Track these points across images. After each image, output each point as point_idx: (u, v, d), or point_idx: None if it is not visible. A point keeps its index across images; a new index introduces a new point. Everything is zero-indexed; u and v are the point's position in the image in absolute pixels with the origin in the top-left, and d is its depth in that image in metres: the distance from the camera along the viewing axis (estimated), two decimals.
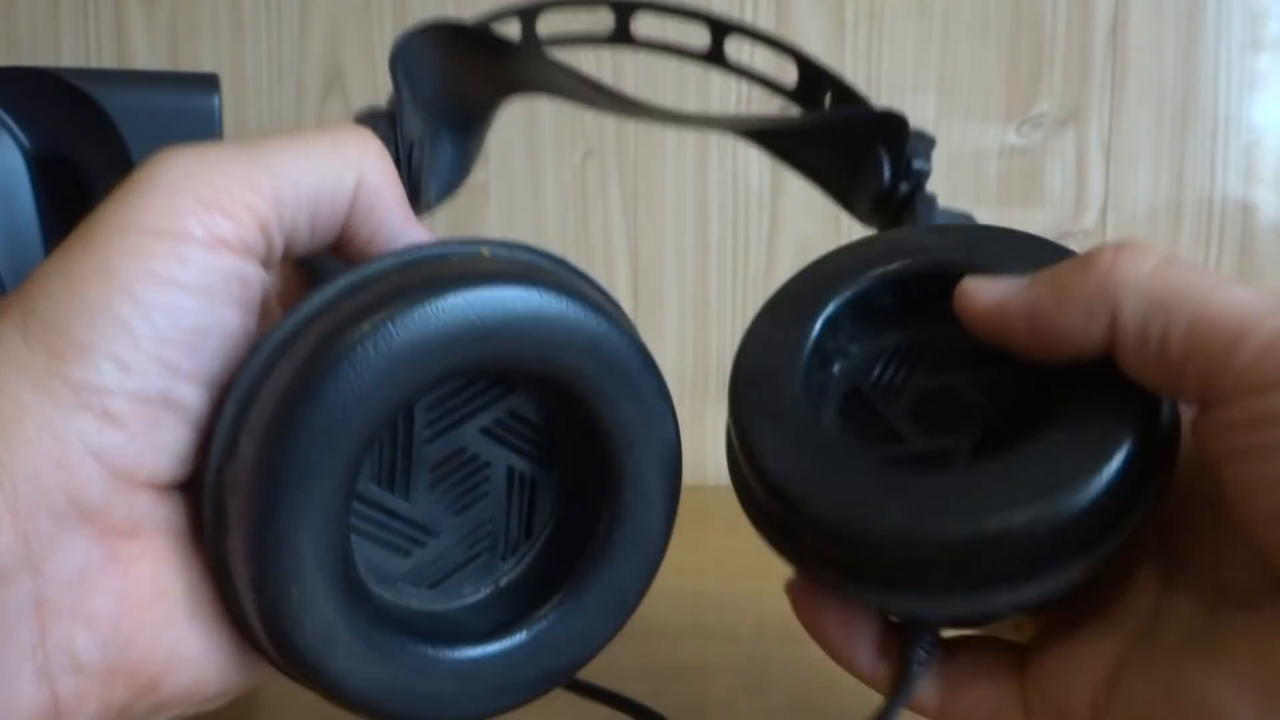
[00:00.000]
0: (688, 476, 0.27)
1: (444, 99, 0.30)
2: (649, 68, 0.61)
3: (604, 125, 0.62)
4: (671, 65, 0.61)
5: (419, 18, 0.59)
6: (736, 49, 0.37)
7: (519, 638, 0.24)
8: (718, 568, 0.48)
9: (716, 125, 0.34)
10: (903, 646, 0.26)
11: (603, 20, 0.37)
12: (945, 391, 0.27)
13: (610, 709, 0.29)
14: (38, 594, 0.20)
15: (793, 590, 0.28)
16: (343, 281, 0.23)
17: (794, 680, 0.38)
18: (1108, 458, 0.23)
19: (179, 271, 0.22)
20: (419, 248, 0.24)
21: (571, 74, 0.29)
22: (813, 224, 0.63)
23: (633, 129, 0.62)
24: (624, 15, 0.37)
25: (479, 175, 0.62)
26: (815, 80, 0.35)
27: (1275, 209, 0.62)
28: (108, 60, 0.61)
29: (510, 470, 0.25)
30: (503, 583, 0.25)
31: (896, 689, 0.25)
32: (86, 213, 0.24)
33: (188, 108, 0.46)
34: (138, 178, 0.23)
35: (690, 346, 0.64)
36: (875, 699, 0.30)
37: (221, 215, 0.22)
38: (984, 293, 0.25)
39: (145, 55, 0.61)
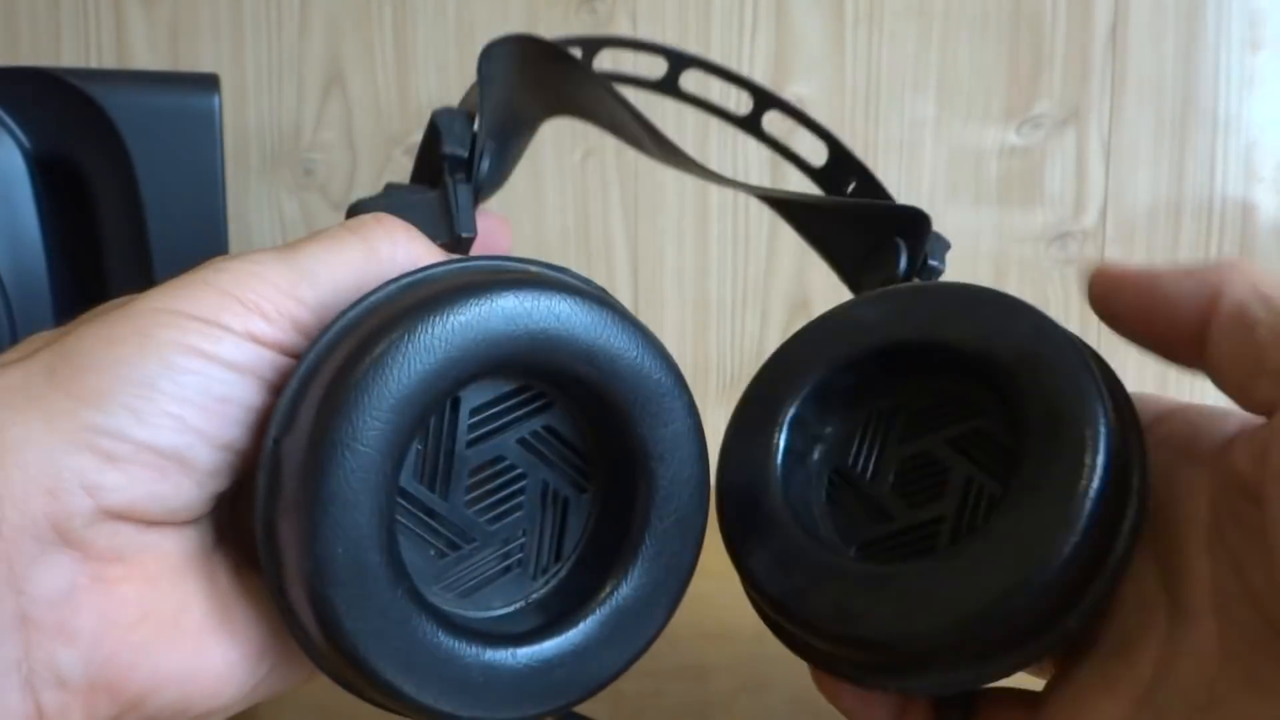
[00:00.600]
0: None
1: (500, 109, 0.31)
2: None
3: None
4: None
5: (419, 18, 0.59)
6: (773, 121, 0.40)
7: (546, 647, 0.25)
8: (718, 568, 0.48)
9: (753, 191, 0.36)
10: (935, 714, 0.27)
11: (656, 66, 0.39)
12: (922, 457, 0.28)
13: None
14: (22, 611, 0.21)
15: (814, 675, 0.29)
16: (404, 280, 0.24)
17: (794, 680, 0.38)
18: (1077, 516, 0.23)
19: (213, 347, 0.23)
20: (475, 257, 0.25)
21: (626, 108, 0.30)
22: None
23: None
24: (677, 67, 0.39)
25: None
26: (843, 165, 0.37)
27: (1275, 209, 0.62)
28: (108, 60, 0.61)
29: (545, 485, 0.26)
30: (532, 599, 0.26)
31: None
32: (86, 213, 0.24)
33: (188, 108, 0.46)
34: (190, 276, 0.24)
35: (690, 346, 0.64)
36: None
37: (263, 320, 0.23)
38: (1116, 266, 0.26)
39: (145, 55, 0.61)
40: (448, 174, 0.28)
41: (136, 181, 0.45)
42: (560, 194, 0.62)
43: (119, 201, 0.46)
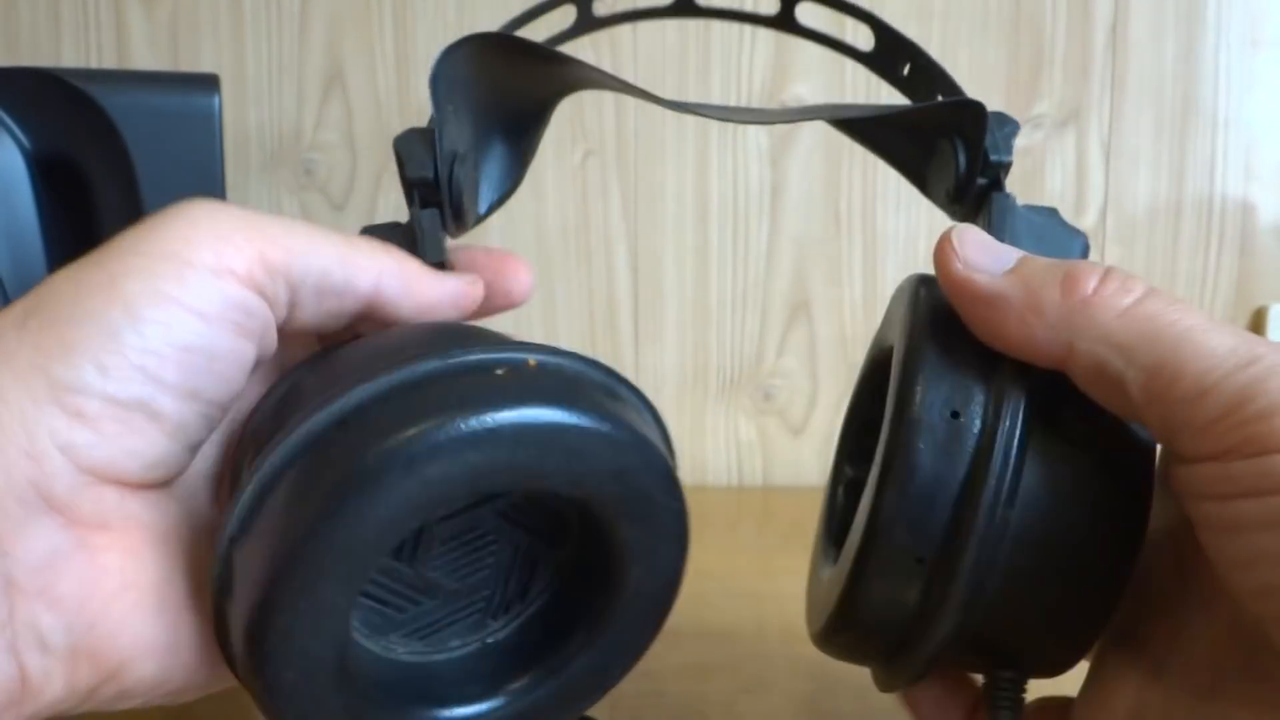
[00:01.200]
0: (688, 477, 0.26)
1: (495, 104, 0.30)
2: (649, 59, 0.61)
3: (604, 125, 0.62)
4: (671, 58, 0.61)
5: (419, 18, 0.59)
6: (807, 12, 0.36)
7: (495, 703, 0.25)
8: (718, 568, 0.48)
9: (797, 116, 0.33)
10: (987, 698, 0.26)
11: None
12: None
13: None
14: (6, 574, 0.21)
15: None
16: (383, 380, 0.21)
17: (794, 680, 0.38)
18: (883, 486, 0.24)
19: (178, 290, 0.22)
20: (464, 350, 0.22)
21: (619, 82, 0.28)
22: (813, 224, 0.63)
23: (633, 129, 0.62)
24: None
25: None
26: (893, 47, 0.34)
27: (1275, 209, 0.62)
28: (108, 60, 0.61)
29: (517, 548, 0.25)
30: (489, 640, 0.26)
31: None
32: (86, 213, 0.24)
33: (188, 108, 0.46)
34: (158, 213, 0.24)
35: (690, 346, 0.64)
36: (873, 701, 0.30)
37: (232, 249, 0.23)
38: (958, 260, 0.24)
39: (145, 55, 0.61)
40: (413, 201, 0.27)
41: (136, 181, 0.45)
42: (560, 194, 0.62)
43: (119, 201, 0.46)
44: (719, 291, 0.63)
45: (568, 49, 0.31)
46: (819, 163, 0.62)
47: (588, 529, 0.25)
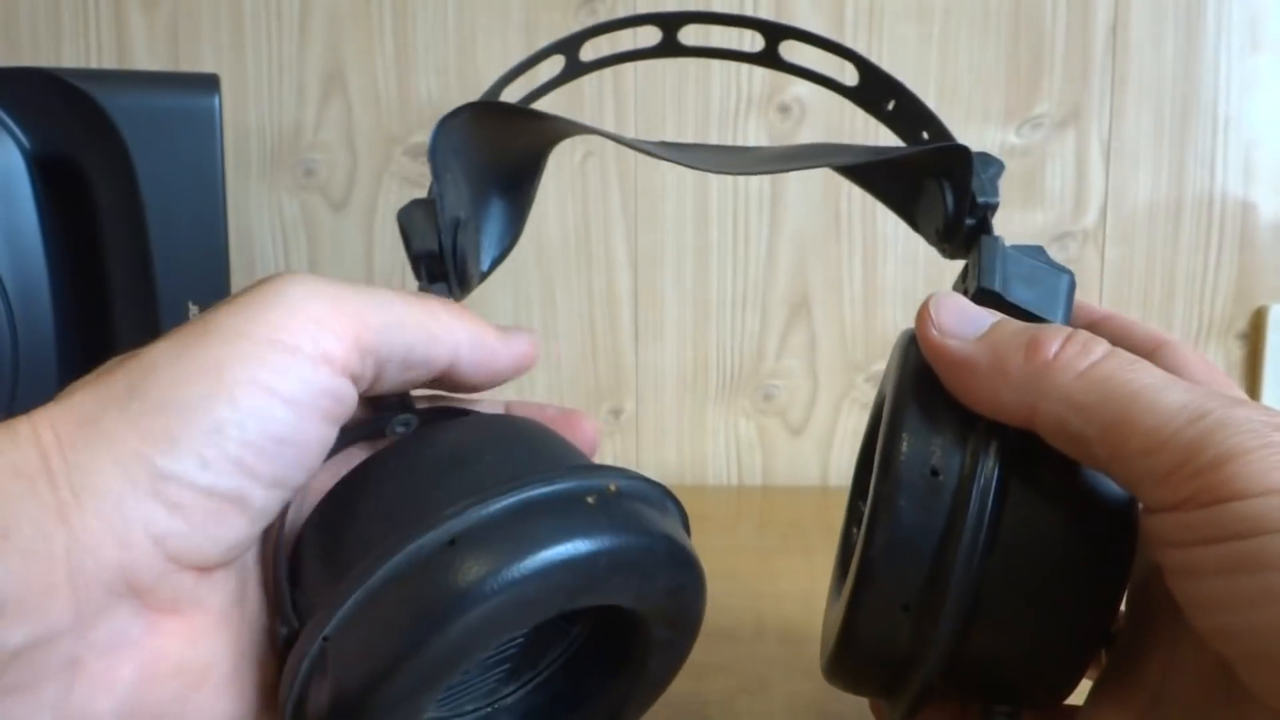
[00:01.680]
0: (688, 477, 0.27)
1: (492, 164, 0.31)
2: (649, 77, 0.61)
3: (604, 125, 0.62)
4: (671, 73, 0.61)
5: (419, 18, 0.59)
6: (790, 50, 0.37)
7: None
8: (718, 568, 0.48)
9: (783, 166, 0.34)
10: None
11: (649, 35, 0.37)
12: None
13: None
14: (74, 655, 0.21)
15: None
16: (493, 504, 0.22)
17: (794, 680, 0.38)
18: (870, 540, 0.25)
19: (280, 381, 0.23)
20: (557, 476, 0.23)
21: (618, 140, 0.29)
22: (813, 224, 0.63)
23: (633, 129, 0.62)
24: (671, 30, 0.37)
25: None
26: (876, 82, 0.35)
27: (1275, 209, 0.62)
28: (108, 60, 0.61)
29: (540, 628, 0.26)
30: (499, 704, 0.27)
31: None
32: (86, 213, 0.24)
33: (188, 108, 0.46)
34: (263, 289, 0.24)
35: (690, 346, 0.64)
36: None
37: (332, 336, 0.24)
38: (935, 323, 0.25)
39: (145, 56, 0.61)
40: (421, 276, 0.28)
41: (136, 181, 0.45)
42: (560, 195, 0.62)
43: (119, 201, 0.46)
44: (719, 291, 0.63)
45: (560, 93, 0.32)
46: None
47: (613, 619, 0.26)
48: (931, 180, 0.31)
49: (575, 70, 0.35)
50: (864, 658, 0.26)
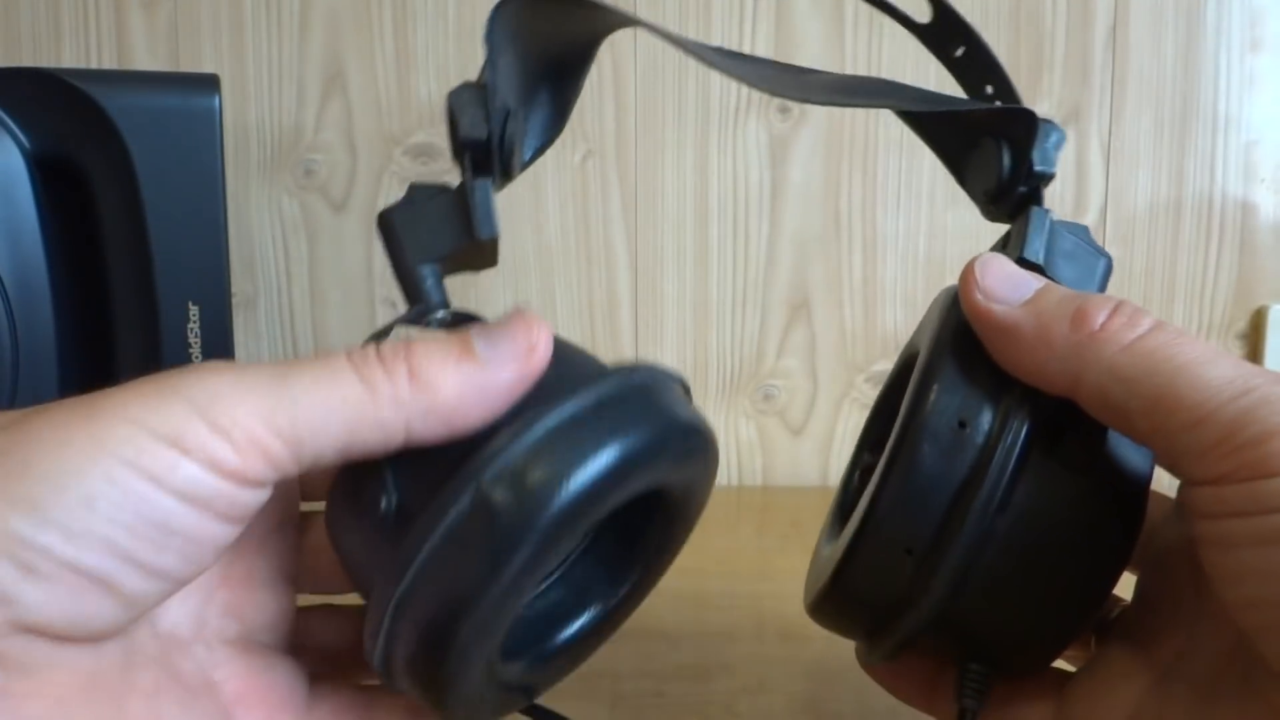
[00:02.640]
0: None
1: (542, 53, 0.30)
2: (649, 77, 0.61)
3: (604, 125, 0.62)
4: (670, 73, 0.61)
5: (419, 18, 0.59)
6: None
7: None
8: (718, 568, 0.48)
9: (851, 101, 0.32)
10: (956, 686, 0.27)
11: None
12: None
13: None
14: None
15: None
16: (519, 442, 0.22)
17: (794, 680, 0.38)
18: (887, 480, 0.25)
19: (165, 474, 0.21)
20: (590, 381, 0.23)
21: (671, 38, 0.28)
22: (813, 224, 0.63)
23: (633, 129, 0.62)
24: None
25: None
26: (949, 25, 0.34)
27: (1275, 209, 0.62)
28: (108, 61, 0.61)
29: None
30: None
31: None
32: (86, 213, 0.23)
33: (188, 108, 0.46)
34: (168, 380, 0.22)
35: (690, 346, 0.64)
36: (873, 701, 0.30)
37: (230, 449, 0.21)
38: (980, 286, 0.25)
39: (145, 56, 0.61)
40: (466, 167, 0.27)
41: (136, 181, 0.45)
42: (560, 194, 0.62)
43: (119, 201, 0.46)
44: (719, 291, 0.63)
45: None
46: (819, 163, 0.62)
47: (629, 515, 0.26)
48: (990, 139, 0.30)
49: None
50: (856, 596, 0.26)
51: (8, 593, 0.20)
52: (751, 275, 0.63)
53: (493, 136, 0.27)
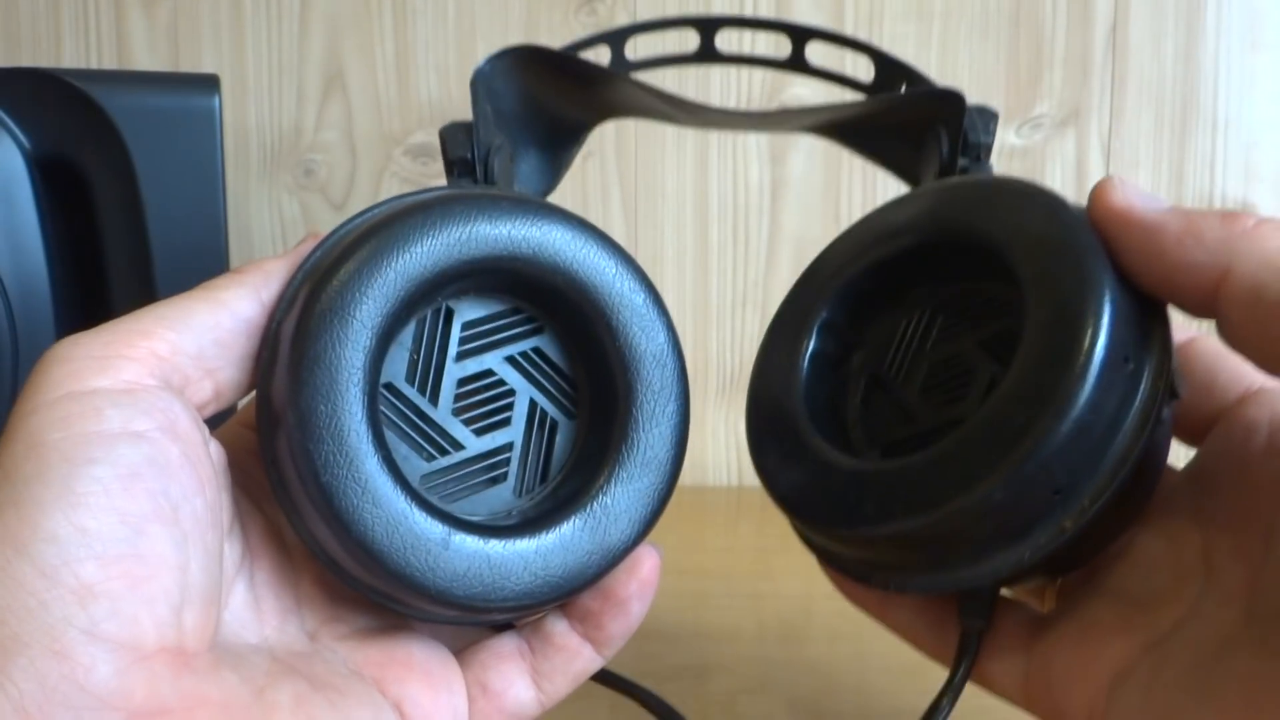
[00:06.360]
0: (688, 478, 0.27)
1: (531, 117, 0.32)
2: (648, 77, 0.61)
3: (604, 125, 0.62)
4: (670, 73, 0.61)
5: (419, 18, 0.59)
6: (817, 52, 0.38)
7: (520, 540, 0.25)
8: (718, 568, 0.48)
9: (789, 125, 0.35)
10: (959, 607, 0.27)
11: (688, 40, 0.39)
12: (952, 360, 0.27)
13: (633, 701, 0.29)
14: None
15: (832, 577, 0.29)
16: (407, 197, 0.27)
17: (794, 680, 0.38)
18: (1060, 405, 0.23)
19: (99, 424, 0.21)
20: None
21: (654, 92, 0.30)
22: (813, 224, 0.63)
23: (633, 130, 0.62)
24: (708, 33, 0.38)
25: None
26: (891, 73, 0.36)
27: (1275, 209, 0.62)
28: (108, 61, 0.61)
29: (533, 404, 0.27)
30: (514, 513, 0.27)
31: (958, 660, 0.27)
32: (86, 213, 0.24)
33: (188, 108, 0.46)
34: (35, 369, 0.23)
35: (690, 346, 0.64)
36: (873, 701, 0.30)
37: (121, 360, 0.22)
38: (1120, 192, 0.25)
39: (145, 56, 0.61)
40: (453, 175, 0.29)
41: (136, 181, 0.45)
42: (560, 195, 0.62)
43: (119, 201, 0.46)
44: (719, 291, 0.63)
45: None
46: (819, 163, 0.62)
47: (591, 371, 0.27)
48: (929, 131, 0.31)
49: (621, 66, 0.37)
50: (968, 530, 0.24)
51: (83, 623, 0.20)
52: (751, 275, 0.63)
53: (476, 158, 0.29)
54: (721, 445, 0.64)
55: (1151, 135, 0.62)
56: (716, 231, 0.63)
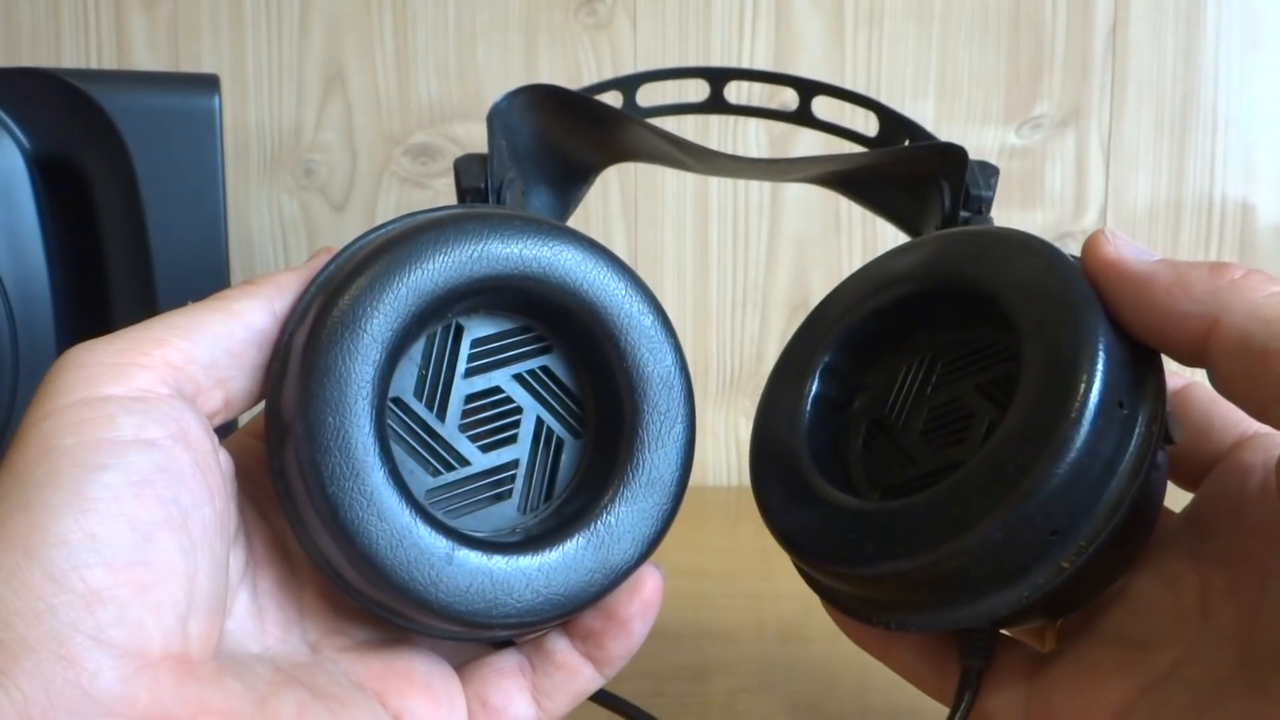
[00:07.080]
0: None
1: (544, 155, 0.33)
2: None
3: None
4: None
5: (419, 18, 0.59)
6: (822, 106, 0.40)
7: (523, 557, 0.25)
8: (718, 568, 0.48)
9: (796, 174, 0.36)
10: (960, 647, 0.27)
11: (698, 89, 0.40)
12: (952, 404, 0.28)
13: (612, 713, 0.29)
14: None
15: (832, 615, 0.29)
16: (419, 215, 0.27)
17: (794, 680, 0.38)
18: (1058, 448, 0.23)
19: (112, 431, 0.21)
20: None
21: (667, 137, 0.31)
22: (813, 225, 0.63)
23: None
24: (718, 84, 0.40)
25: None
26: (895, 127, 0.37)
27: (1275, 209, 0.62)
28: (108, 60, 0.61)
29: (540, 422, 0.27)
30: (518, 530, 0.27)
31: (958, 699, 0.27)
32: (86, 213, 0.24)
33: (188, 108, 0.46)
34: (48, 375, 0.23)
35: (690, 346, 0.64)
36: (873, 701, 0.30)
37: (135, 368, 0.23)
38: (1112, 245, 0.25)
39: (145, 56, 0.61)
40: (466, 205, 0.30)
41: (136, 181, 0.45)
42: None
43: (119, 201, 0.46)
44: (719, 292, 0.63)
45: None
46: None
47: (599, 391, 0.27)
48: (932, 184, 0.32)
49: (632, 111, 0.38)
50: (966, 569, 0.25)
51: (90, 628, 0.20)
52: (751, 276, 0.63)
53: (490, 189, 0.30)
54: (721, 445, 0.64)
55: (1151, 135, 0.62)
56: (716, 232, 0.63)
